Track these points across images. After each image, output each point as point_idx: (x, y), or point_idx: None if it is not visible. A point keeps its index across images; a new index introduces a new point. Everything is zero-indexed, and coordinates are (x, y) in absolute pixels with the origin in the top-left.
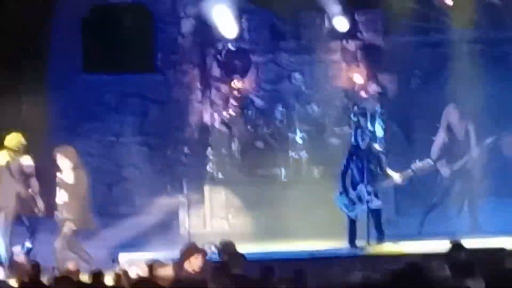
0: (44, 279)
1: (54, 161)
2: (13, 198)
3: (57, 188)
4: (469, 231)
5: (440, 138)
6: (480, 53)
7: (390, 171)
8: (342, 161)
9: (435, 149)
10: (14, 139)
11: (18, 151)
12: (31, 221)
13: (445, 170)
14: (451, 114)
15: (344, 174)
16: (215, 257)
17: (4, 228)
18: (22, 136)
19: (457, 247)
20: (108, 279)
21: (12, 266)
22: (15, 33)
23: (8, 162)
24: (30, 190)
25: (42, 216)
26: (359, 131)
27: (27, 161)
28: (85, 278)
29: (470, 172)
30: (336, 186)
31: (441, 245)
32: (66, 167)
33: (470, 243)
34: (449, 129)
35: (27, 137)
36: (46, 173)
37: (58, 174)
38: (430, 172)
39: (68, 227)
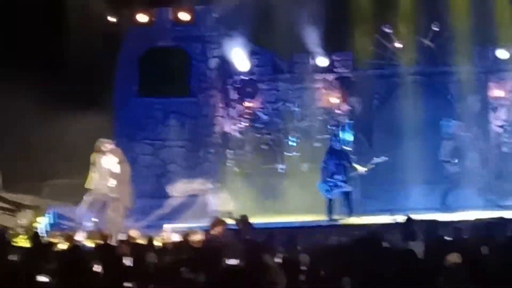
0: (112, 241)
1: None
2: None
3: (108, 177)
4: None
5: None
6: (421, 82)
7: (356, 165)
8: (323, 159)
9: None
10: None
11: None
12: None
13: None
14: None
15: (324, 168)
16: (233, 226)
17: (89, 205)
18: (95, 140)
19: (408, 219)
20: (157, 242)
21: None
22: (92, 65)
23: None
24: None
25: None
26: (334, 137)
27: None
28: (142, 240)
29: None
30: (319, 177)
31: (396, 218)
32: (115, 162)
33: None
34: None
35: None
36: None
37: (109, 166)
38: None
39: (118, 205)
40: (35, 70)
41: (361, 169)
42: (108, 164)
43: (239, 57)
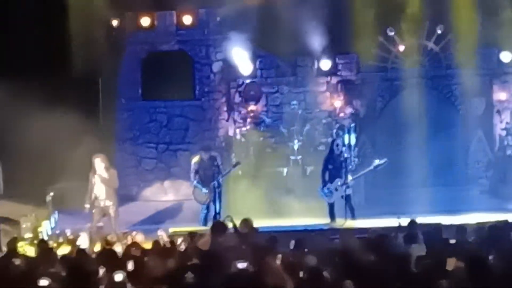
0: (117, 246)
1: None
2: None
3: (97, 183)
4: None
5: None
6: (424, 85)
7: (349, 175)
8: (323, 162)
9: None
10: None
11: None
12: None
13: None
14: None
15: (323, 172)
16: (235, 229)
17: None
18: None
19: (411, 222)
20: (162, 246)
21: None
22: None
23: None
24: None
25: None
26: (334, 142)
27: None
28: (147, 245)
29: None
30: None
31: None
32: (102, 168)
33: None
34: None
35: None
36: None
37: (97, 173)
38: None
39: (112, 210)
40: (37, 75)
41: (350, 179)
42: (99, 171)
43: (243, 60)
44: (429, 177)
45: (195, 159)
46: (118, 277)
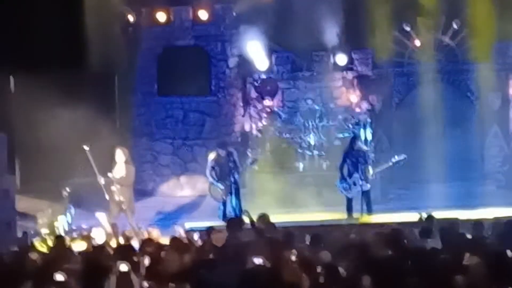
0: (134, 242)
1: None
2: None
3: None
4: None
5: None
6: (441, 80)
7: (370, 168)
8: (341, 158)
9: None
10: None
11: None
12: None
13: None
14: None
15: (342, 167)
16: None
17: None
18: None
19: (429, 217)
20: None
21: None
22: (112, 65)
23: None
24: None
25: None
26: (353, 137)
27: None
28: (164, 240)
29: None
30: (338, 175)
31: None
32: (121, 161)
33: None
34: None
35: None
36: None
37: (115, 166)
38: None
39: (127, 205)
40: (52, 71)
41: (372, 171)
42: (119, 162)
43: (259, 55)
44: (445, 172)
45: (212, 156)
46: (123, 267)
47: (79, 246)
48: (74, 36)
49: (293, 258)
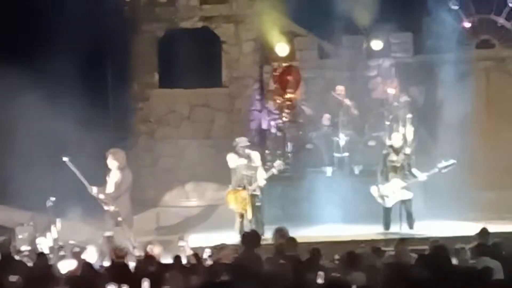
0: (130, 260)
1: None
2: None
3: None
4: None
5: None
6: (493, 68)
7: (416, 171)
8: (379, 160)
9: None
10: None
11: None
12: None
13: None
14: None
15: (379, 172)
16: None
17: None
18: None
19: (483, 230)
20: (183, 259)
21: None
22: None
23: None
24: None
25: None
26: (390, 136)
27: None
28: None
29: None
30: (373, 181)
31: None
32: (114, 167)
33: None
34: None
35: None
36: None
37: (109, 172)
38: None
39: (123, 217)
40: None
41: (421, 176)
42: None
43: (279, 40)
44: (499, 177)
45: (232, 159)
46: None
47: (65, 265)
48: (59, 16)
49: (320, 280)
